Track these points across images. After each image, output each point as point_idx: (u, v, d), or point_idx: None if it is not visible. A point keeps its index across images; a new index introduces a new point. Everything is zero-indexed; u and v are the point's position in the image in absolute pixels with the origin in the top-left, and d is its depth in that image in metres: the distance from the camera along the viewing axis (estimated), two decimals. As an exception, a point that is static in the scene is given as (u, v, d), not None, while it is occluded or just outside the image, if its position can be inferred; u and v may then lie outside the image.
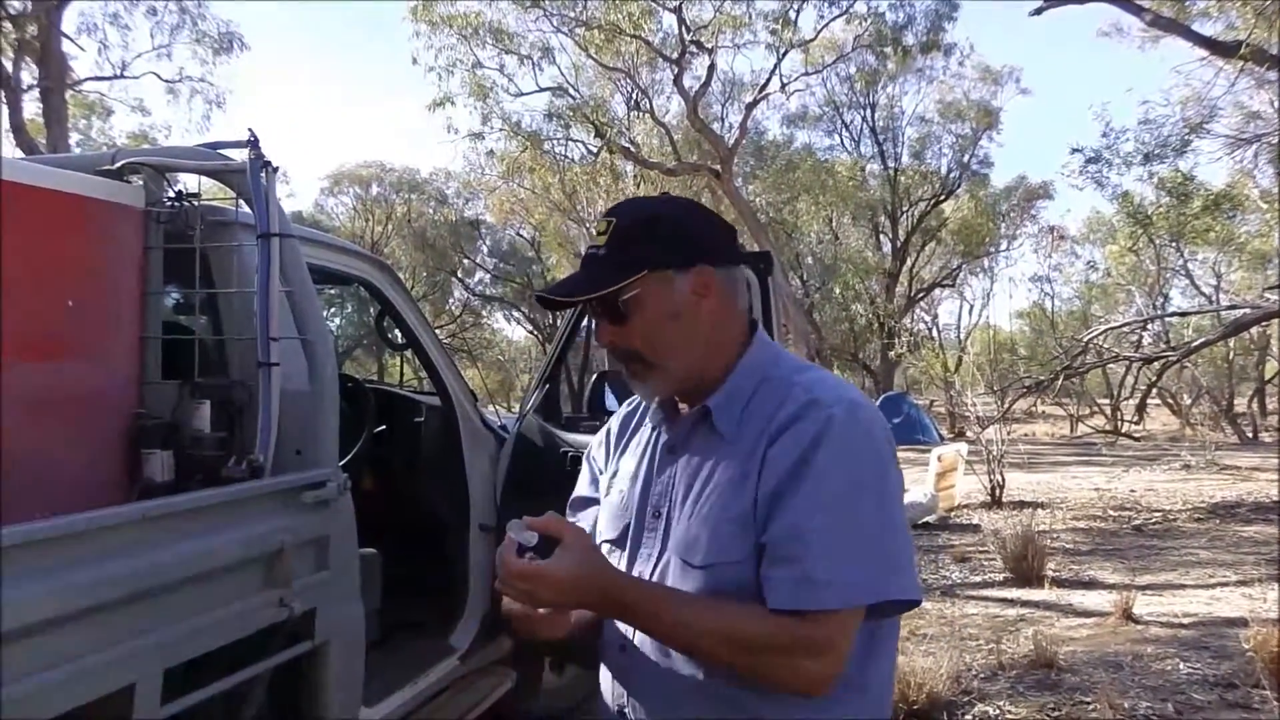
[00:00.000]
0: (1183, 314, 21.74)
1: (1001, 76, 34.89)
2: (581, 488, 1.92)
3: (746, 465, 1.54)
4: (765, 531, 1.48)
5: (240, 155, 2.88)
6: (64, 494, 2.44)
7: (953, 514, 11.83)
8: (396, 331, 4.14)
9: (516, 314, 43.81)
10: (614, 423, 1.91)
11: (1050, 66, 66.16)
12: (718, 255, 1.64)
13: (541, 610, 1.55)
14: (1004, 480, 12.48)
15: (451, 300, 42.47)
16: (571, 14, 24.27)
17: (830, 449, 1.48)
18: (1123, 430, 20.64)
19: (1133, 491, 13.62)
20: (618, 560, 1.68)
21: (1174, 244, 27.52)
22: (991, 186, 36.70)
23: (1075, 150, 19.85)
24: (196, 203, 2.93)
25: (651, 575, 1.61)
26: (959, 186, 35.48)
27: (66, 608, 1.82)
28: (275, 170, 2.81)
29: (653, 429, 1.75)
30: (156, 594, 2.06)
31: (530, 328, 43.60)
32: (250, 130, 2.83)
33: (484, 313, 44.86)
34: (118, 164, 2.91)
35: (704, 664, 1.53)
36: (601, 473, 1.87)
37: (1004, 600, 7.42)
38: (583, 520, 1.84)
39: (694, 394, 1.65)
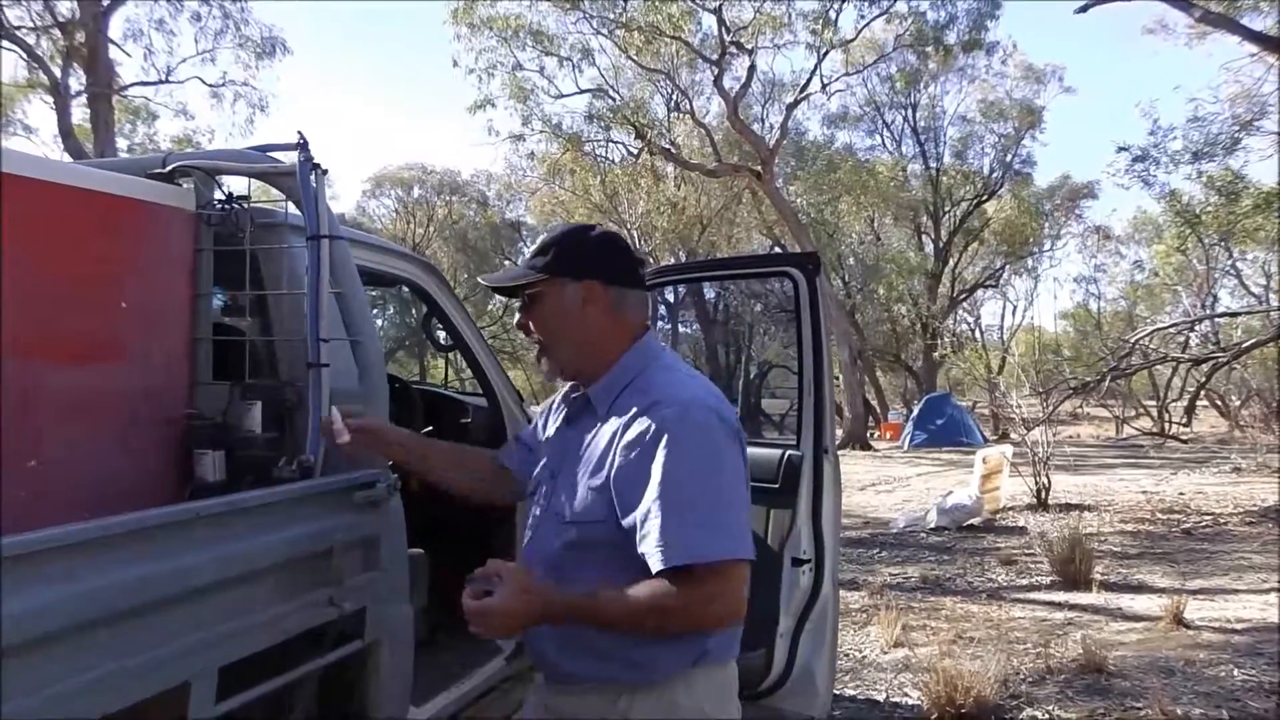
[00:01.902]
0: (1232, 314, 21.42)
1: (1044, 75, 34.69)
2: (524, 433, 2.47)
3: (607, 445, 1.98)
4: (626, 516, 1.91)
5: (289, 158, 2.89)
6: (117, 494, 2.45)
7: (998, 516, 11.71)
8: (442, 332, 4.15)
9: (557, 315, 43.89)
10: (558, 395, 2.32)
11: (1094, 65, 65.66)
12: (611, 276, 2.08)
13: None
14: (1050, 482, 12.33)
15: (493, 302, 42.62)
16: (611, 15, 24.33)
17: (667, 444, 1.88)
18: (1170, 432, 20.31)
19: (1181, 494, 13.40)
20: (532, 506, 2.19)
21: (1223, 243, 27.12)
22: (1034, 186, 36.41)
23: (1122, 149, 19.62)
24: (246, 205, 2.94)
25: (538, 524, 2.12)
26: (1001, 186, 35.24)
27: (122, 605, 1.82)
28: (324, 173, 2.82)
29: (563, 404, 2.22)
30: (210, 593, 2.06)
31: (571, 328, 43.68)
32: (299, 133, 2.83)
33: (524, 314, 44.96)
34: (169, 167, 2.92)
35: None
36: (540, 430, 2.36)
37: (1051, 603, 7.32)
38: (512, 455, 2.45)
39: (585, 381, 2.11)
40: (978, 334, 43.72)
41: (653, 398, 1.95)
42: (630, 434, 1.93)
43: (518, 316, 2.16)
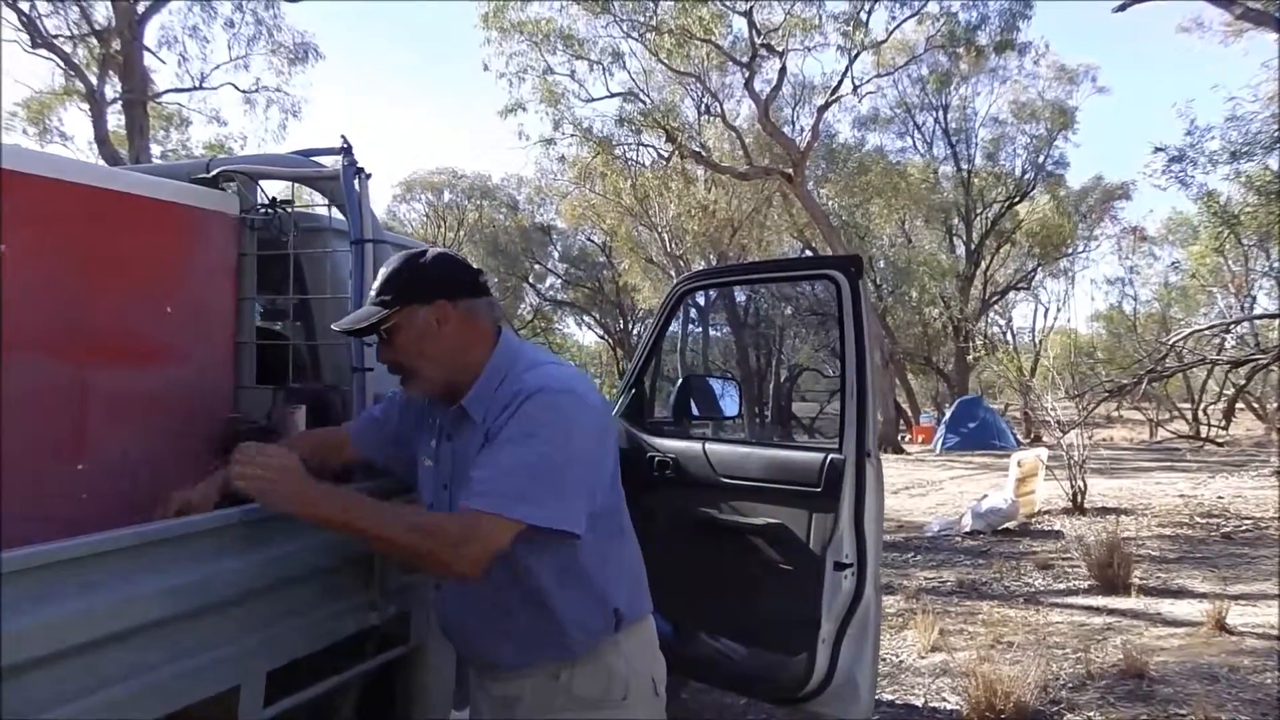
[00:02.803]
0: (1272, 316, 21.17)
1: (1077, 75, 34.42)
2: (376, 412, 2.55)
3: (484, 443, 2.08)
4: None
5: (332, 162, 2.90)
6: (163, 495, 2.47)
7: (1033, 520, 11.60)
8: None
9: (587, 319, 43.99)
10: (388, 405, 2.49)
11: (1127, 64, 64.97)
12: (455, 292, 2.20)
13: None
14: (1085, 486, 12.22)
15: (523, 305, 42.75)
16: (641, 19, 24.29)
17: (516, 417, 2.04)
18: (1206, 435, 20.07)
19: (1220, 498, 13.23)
20: None
21: (1260, 244, 26.80)
22: (1068, 187, 36.11)
23: (1158, 149, 19.43)
24: (289, 209, 2.96)
25: None
26: (1034, 188, 34.97)
27: (174, 609, 1.83)
28: (368, 177, 2.83)
29: (437, 420, 2.29)
30: (257, 597, 2.07)
31: (601, 333, 43.73)
32: (343, 137, 2.85)
33: (555, 318, 45.09)
34: (213, 172, 2.94)
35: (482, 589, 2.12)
36: (399, 424, 2.46)
37: (1089, 608, 7.25)
38: (366, 439, 2.52)
39: (455, 393, 2.19)
40: (1010, 336, 43.47)
41: (517, 386, 2.09)
42: (498, 422, 2.07)
43: (379, 353, 2.25)
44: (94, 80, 22.29)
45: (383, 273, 2.23)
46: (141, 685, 1.75)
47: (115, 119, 22.67)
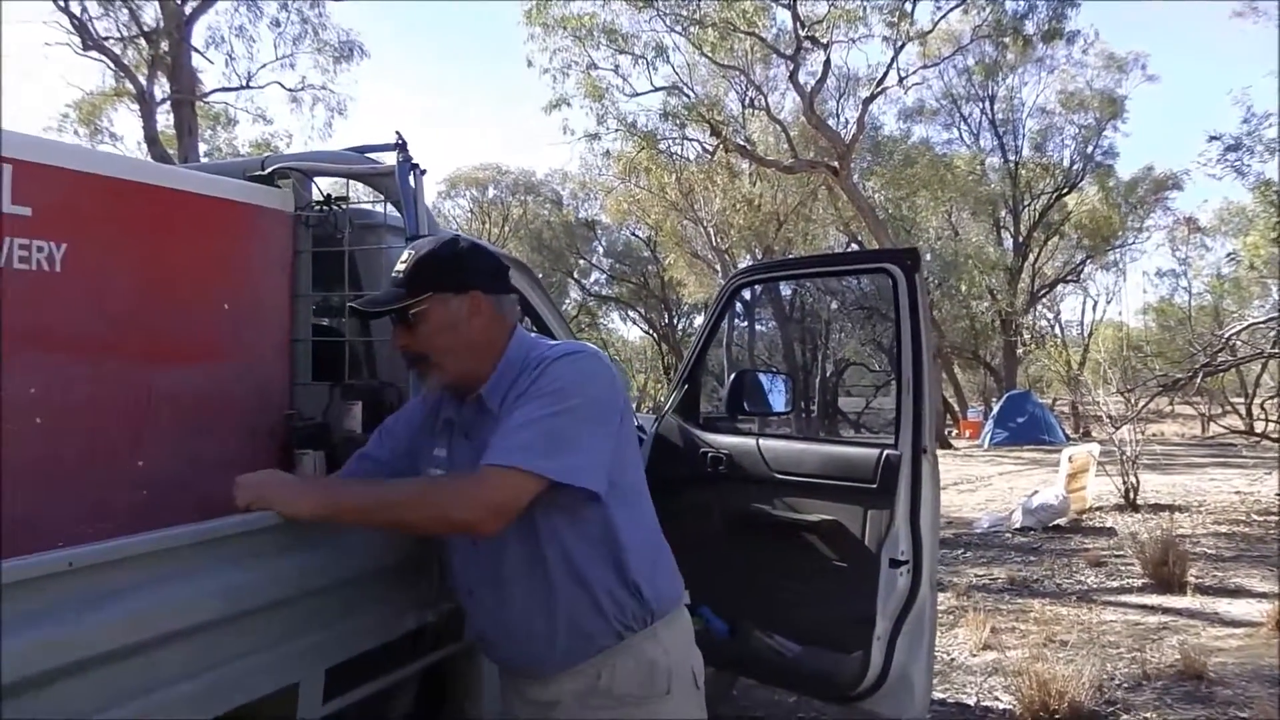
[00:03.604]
0: (1329, 308, 20.75)
1: (1127, 64, 33.93)
2: (373, 447, 2.39)
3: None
4: None
5: (387, 159, 2.90)
6: (220, 493, 2.48)
7: (1085, 517, 11.47)
8: (533, 332, 4.14)
9: (632, 314, 44.00)
10: (418, 405, 2.39)
11: (1178, 51, 63.90)
12: (488, 285, 2.18)
13: None
14: (1138, 482, 12.06)
15: (568, 300, 42.82)
16: (685, 12, 24.22)
17: (533, 383, 2.03)
18: (1263, 431, 19.67)
19: (1278, 495, 13.02)
20: None
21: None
22: (1117, 178, 35.61)
23: (1213, 138, 19.11)
24: (344, 206, 2.96)
25: (467, 543, 2.17)
26: (1082, 179, 34.55)
27: (234, 607, 1.84)
28: (424, 173, 2.82)
29: (446, 419, 2.25)
30: (316, 595, 2.08)
31: (646, 327, 43.72)
32: (398, 134, 2.85)
33: (600, 312, 45.15)
34: (268, 169, 2.95)
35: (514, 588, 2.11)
36: (392, 450, 2.34)
37: (1144, 607, 7.14)
38: (383, 449, 2.36)
39: (469, 387, 2.16)
40: (1058, 330, 42.99)
41: (539, 357, 2.11)
42: (516, 394, 2.07)
43: (396, 339, 2.20)
44: (143, 81, 22.56)
45: (412, 255, 2.19)
46: (201, 683, 1.76)
47: (164, 119, 22.94)
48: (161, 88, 22.30)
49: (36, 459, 2.12)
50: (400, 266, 2.17)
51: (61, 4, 21.02)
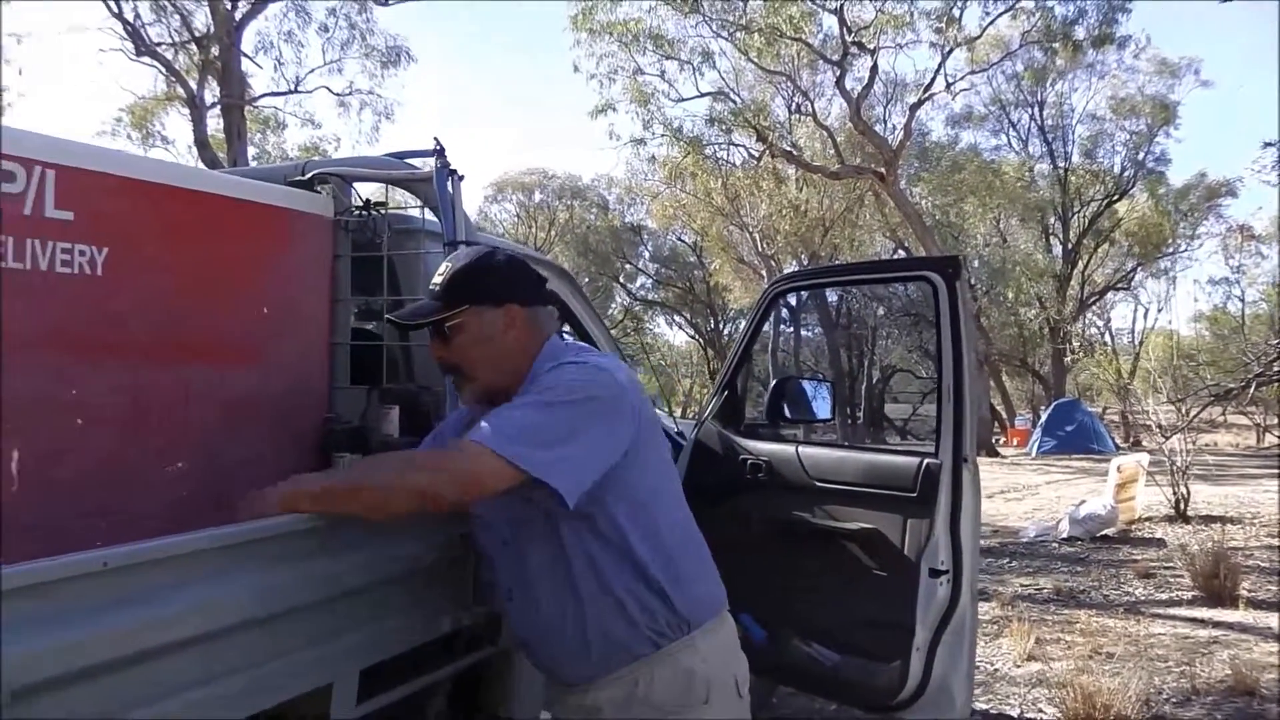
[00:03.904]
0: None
1: (1179, 69, 33.49)
2: (448, 427, 2.44)
3: None
4: None
5: (426, 164, 2.92)
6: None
7: (1134, 527, 11.31)
8: (572, 336, 4.15)
9: (678, 319, 44.03)
10: (467, 411, 2.37)
11: (1232, 56, 62.91)
12: (525, 298, 2.21)
13: None
14: (1189, 493, 11.85)
15: (614, 305, 42.89)
16: (731, 18, 24.22)
17: (541, 379, 2.08)
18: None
19: (1335, 508, 12.76)
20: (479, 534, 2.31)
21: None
22: (1168, 185, 35.14)
23: (1268, 144, 18.76)
24: (383, 211, 2.98)
25: (498, 551, 2.24)
26: (1134, 185, 34.12)
27: (269, 607, 1.85)
28: (461, 178, 2.84)
29: None
30: (351, 596, 2.09)
31: (691, 332, 43.72)
32: (435, 139, 2.86)
33: (646, 317, 45.19)
34: (308, 174, 2.98)
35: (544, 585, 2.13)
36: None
37: (1194, 620, 7.01)
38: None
39: (503, 396, 2.12)
40: (1108, 338, 42.48)
41: (549, 367, 2.12)
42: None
43: (434, 350, 2.23)
44: (194, 86, 22.94)
45: (449, 267, 2.20)
46: (235, 682, 1.77)
47: (214, 123, 23.33)
48: (212, 92, 22.70)
49: (78, 459, 2.15)
50: (437, 279, 2.20)
51: (115, 11, 21.43)
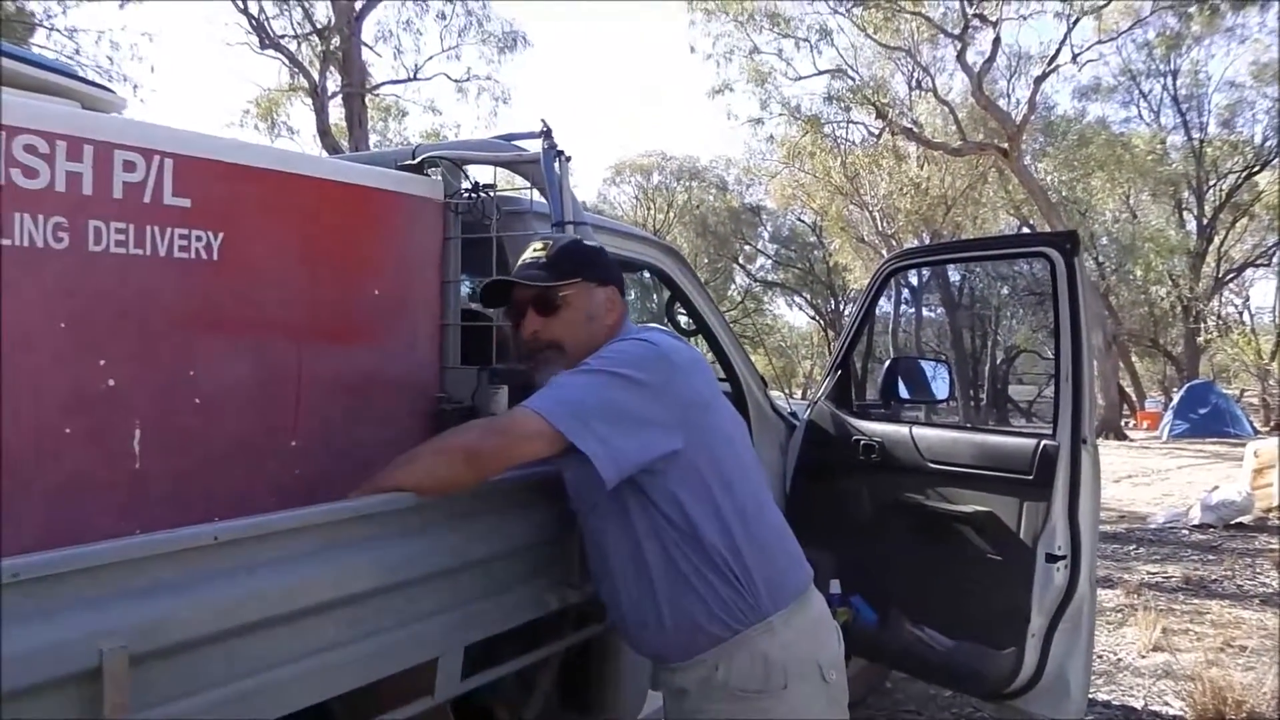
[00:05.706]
0: None
1: (1330, 28, 31.82)
2: None
3: None
4: None
5: (534, 146, 2.93)
6: (372, 474, 2.56)
7: (1271, 515, 10.87)
8: (685, 316, 4.14)
9: (798, 300, 43.74)
10: None
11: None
12: (621, 282, 2.31)
13: None
14: (1332, 479, 11.35)
15: (733, 286, 42.81)
16: (849, -7, 23.89)
17: (594, 357, 2.09)
18: None
19: None
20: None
21: None
22: (1315, 154, 33.53)
23: None
24: (492, 194, 3.01)
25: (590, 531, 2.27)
26: (1276, 156, 32.62)
27: (378, 582, 1.89)
28: (568, 160, 2.85)
29: None
30: (459, 572, 2.11)
31: (812, 313, 43.41)
32: (543, 121, 2.87)
33: (765, 298, 45.02)
34: (418, 158, 3.02)
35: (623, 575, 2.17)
36: None
37: (1335, 613, 6.72)
38: None
39: None
40: (1246, 317, 40.82)
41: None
42: None
43: (528, 324, 2.24)
44: (316, 76, 23.54)
45: (553, 244, 2.25)
46: (344, 653, 1.82)
47: (336, 112, 23.90)
48: (334, 82, 23.26)
49: (195, 438, 2.22)
50: (537, 254, 2.24)
51: (241, 7, 22.10)
